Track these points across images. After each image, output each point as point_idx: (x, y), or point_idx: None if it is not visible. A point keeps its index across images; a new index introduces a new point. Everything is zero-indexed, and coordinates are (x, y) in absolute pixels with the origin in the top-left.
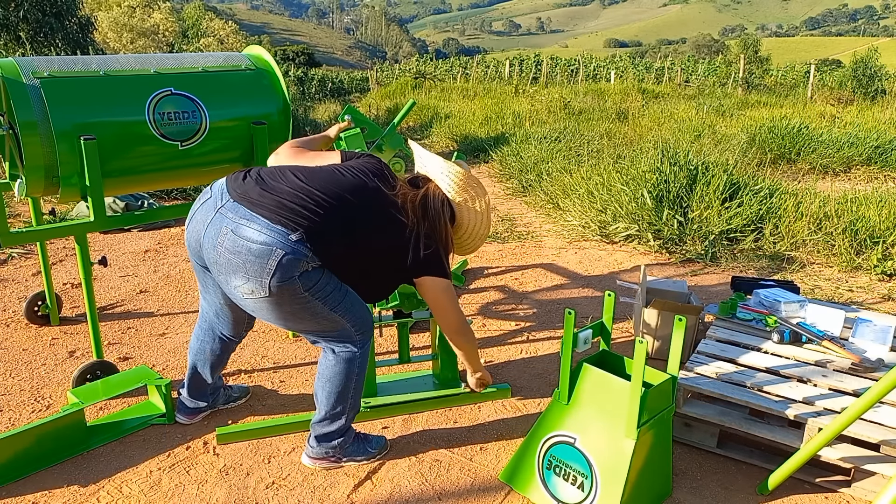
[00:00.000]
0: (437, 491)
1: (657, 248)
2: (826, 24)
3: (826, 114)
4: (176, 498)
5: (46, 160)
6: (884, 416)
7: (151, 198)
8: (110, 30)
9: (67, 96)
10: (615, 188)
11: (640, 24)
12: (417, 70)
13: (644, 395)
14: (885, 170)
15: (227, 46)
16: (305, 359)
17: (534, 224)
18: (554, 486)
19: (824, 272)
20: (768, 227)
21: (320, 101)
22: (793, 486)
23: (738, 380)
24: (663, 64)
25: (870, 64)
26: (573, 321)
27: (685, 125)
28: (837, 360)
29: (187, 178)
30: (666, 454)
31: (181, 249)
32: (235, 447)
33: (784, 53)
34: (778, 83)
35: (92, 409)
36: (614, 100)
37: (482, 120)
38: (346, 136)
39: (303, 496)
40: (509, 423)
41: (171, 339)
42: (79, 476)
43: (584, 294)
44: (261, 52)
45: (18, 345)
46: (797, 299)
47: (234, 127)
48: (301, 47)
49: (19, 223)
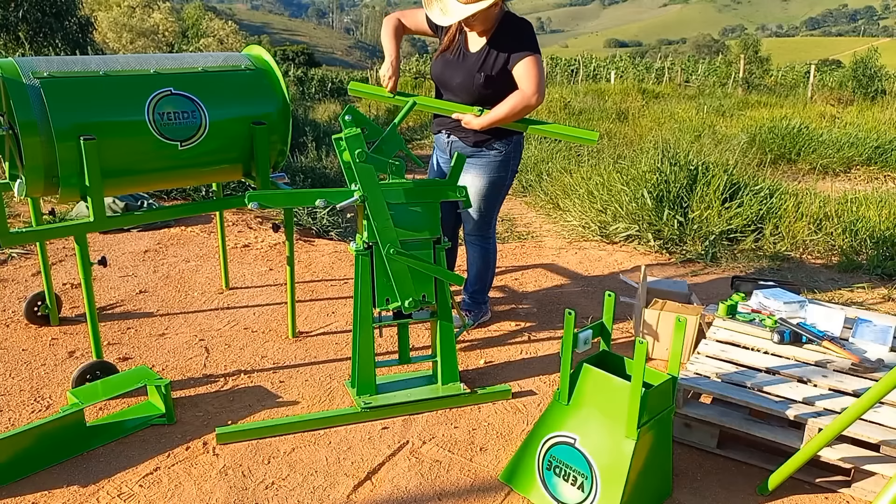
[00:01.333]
0: (437, 491)
1: (657, 248)
2: (826, 25)
3: (826, 114)
4: (176, 498)
5: (46, 160)
6: (884, 416)
7: (151, 198)
8: (110, 30)
9: (67, 96)
10: (615, 188)
11: (640, 24)
12: (417, 70)
13: (644, 396)
14: (885, 170)
15: (226, 46)
16: (305, 359)
17: (534, 224)
18: (554, 486)
19: (824, 272)
20: (768, 228)
21: (320, 101)
22: (793, 487)
23: (738, 380)
24: (663, 64)
25: (870, 64)
26: (573, 321)
27: (685, 125)
28: (837, 361)
29: (187, 179)
30: (666, 455)
31: (181, 249)
32: (235, 447)
33: (784, 54)
34: (778, 83)
35: (92, 409)
36: (614, 100)
37: None
38: (346, 137)
39: (303, 496)
40: (509, 424)
41: (171, 339)
42: (79, 476)
43: (584, 294)
44: (261, 52)
45: (18, 345)
46: (797, 299)
47: (234, 127)
48: (301, 47)
49: (19, 223)
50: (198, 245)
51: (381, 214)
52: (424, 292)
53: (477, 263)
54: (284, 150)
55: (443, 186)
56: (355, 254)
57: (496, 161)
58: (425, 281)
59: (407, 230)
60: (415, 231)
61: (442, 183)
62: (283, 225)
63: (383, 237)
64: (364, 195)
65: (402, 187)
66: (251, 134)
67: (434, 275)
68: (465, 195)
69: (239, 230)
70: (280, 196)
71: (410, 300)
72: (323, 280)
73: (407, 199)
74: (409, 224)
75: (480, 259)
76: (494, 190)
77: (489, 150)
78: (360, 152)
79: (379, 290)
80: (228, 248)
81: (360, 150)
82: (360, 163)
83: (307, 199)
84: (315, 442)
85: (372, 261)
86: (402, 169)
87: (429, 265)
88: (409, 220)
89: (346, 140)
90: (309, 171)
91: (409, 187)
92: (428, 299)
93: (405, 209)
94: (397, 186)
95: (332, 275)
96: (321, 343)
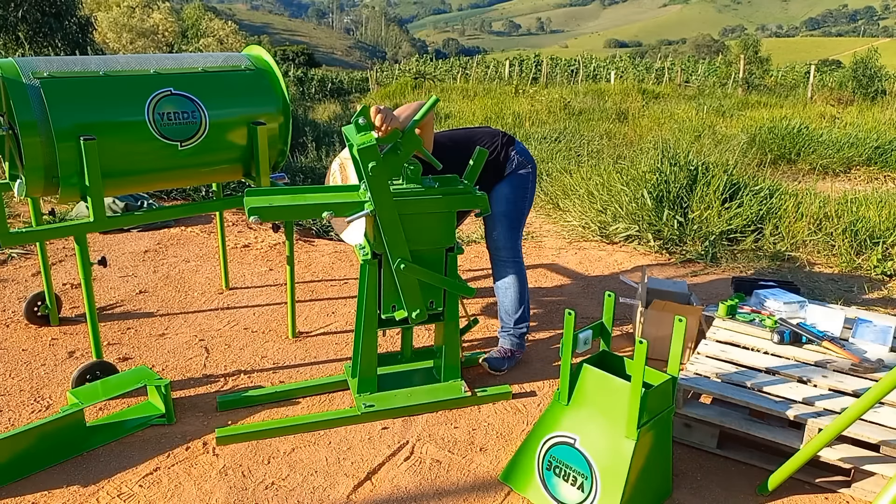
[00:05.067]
0: (437, 491)
1: (657, 248)
2: (826, 25)
3: (826, 114)
4: (176, 498)
5: (46, 160)
6: (884, 416)
7: (151, 198)
8: (110, 30)
9: (67, 96)
10: (615, 188)
11: (640, 25)
12: (417, 70)
13: (644, 396)
14: (885, 170)
15: (226, 47)
16: (305, 359)
17: (534, 224)
18: (554, 486)
19: (824, 272)
20: (768, 228)
21: (320, 102)
22: (793, 487)
23: (738, 380)
24: (663, 64)
25: (870, 64)
26: (573, 322)
27: (685, 125)
28: (837, 361)
29: (187, 179)
30: (666, 455)
31: (181, 249)
32: (235, 447)
33: (784, 54)
34: (778, 84)
35: (92, 409)
36: (614, 100)
37: (482, 120)
38: (359, 148)
39: (303, 496)
40: (509, 424)
41: (171, 339)
42: (79, 476)
43: (584, 294)
44: (260, 53)
45: (18, 345)
46: (797, 299)
47: (234, 127)
48: (301, 47)
49: (19, 223)
50: (198, 245)
51: (393, 228)
52: (432, 299)
53: (514, 285)
54: (284, 150)
55: (461, 195)
56: (362, 261)
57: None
58: (434, 288)
59: (420, 239)
60: (428, 240)
61: (459, 191)
62: (283, 225)
63: (394, 252)
64: (375, 210)
65: (416, 195)
66: (251, 134)
67: (444, 287)
68: (484, 203)
69: (239, 230)
70: (283, 210)
71: (418, 311)
72: (323, 280)
73: (422, 209)
74: (422, 233)
75: (517, 280)
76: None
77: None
78: (375, 166)
79: (385, 298)
80: (228, 248)
81: (374, 163)
82: (373, 177)
83: (312, 213)
84: (315, 442)
85: (380, 269)
86: (418, 172)
87: (439, 278)
88: (423, 228)
89: (359, 152)
90: (309, 171)
91: (423, 196)
92: (436, 306)
93: (419, 217)
94: (412, 194)
95: (332, 275)
96: (321, 343)
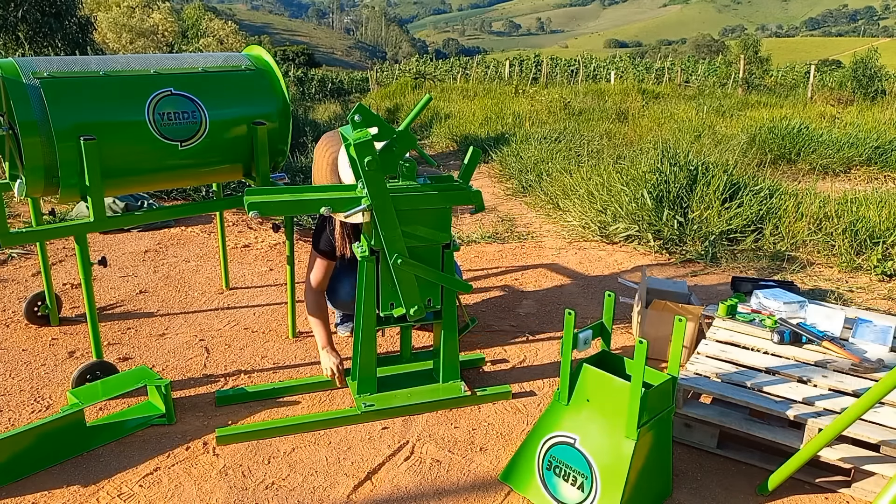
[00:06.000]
0: (437, 491)
1: (657, 248)
2: (826, 25)
3: (826, 114)
4: (176, 498)
5: (46, 160)
6: (884, 416)
7: (151, 198)
8: (110, 30)
9: (67, 96)
10: (615, 188)
11: (640, 25)
12: (417, 70)
13: (644, 396)
14: (885, 170)
15: (226, 47)
16: (305, 359)
17: (534, 224)
18: (554, 486)
19: (824, 272)
20: (768, 228)
21: (320, 102)
22: (793, 487)
23: (738, 380)
24: (663, 64)
25: (870, 64)
26: (573, 322)
27: (685, 125)
28: (837, 361)
29: (187, 179)
30: (666, 455)
31: (181, 249)
32: (235, 447)
33: (784, 54)
34: (778, 83)
35: (92, 409)
36: (614, 100)
37: (482, 120)
38: (355, 143)
39: (303, 496)
40: (509, 424)
41: (171, 339)
42: (79, 476)
43: (584, 294)
44: (261, 53)
45: (18, 345)
46: (797, 299)
47: (234, 127)
48: (301, 48)
49: (19, 223)
50: (198, 245)
51: (390, 224)
52: (430, 297)
53: None
54: (284, 150)
55: (455, 191)
56: (360, 259)
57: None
58: (431, 285)
59: (416, 235)
60: (424, 236)
61: (454, 186)
62: (283, 225)
63: (391, 247)
64: (372, 205)
65: (412, 191)
66: (251, 134)
67: (441, 283)
68: (478, 200)
69: (239, 230)
70: (281, 204)
71: (416, 308)
72: None
73: (417, 204)
74: (418, 229)
75: None
76: None
77: None
78: (371, 161)
79: (383, 295)
80: (228, 248)
81: (370, 158)
82: (369, 171)
83: (310, 207)
84: (315, 442)
85: (377, 266)
86: (414, 169)
87: (436, 273)
88: (419, 224)
89: (356, 147)
90: (309, 171)
91: (419, 192)
92: (434, 303)
93: (415, 213)
94: (408, 190)
95: None
96: None
